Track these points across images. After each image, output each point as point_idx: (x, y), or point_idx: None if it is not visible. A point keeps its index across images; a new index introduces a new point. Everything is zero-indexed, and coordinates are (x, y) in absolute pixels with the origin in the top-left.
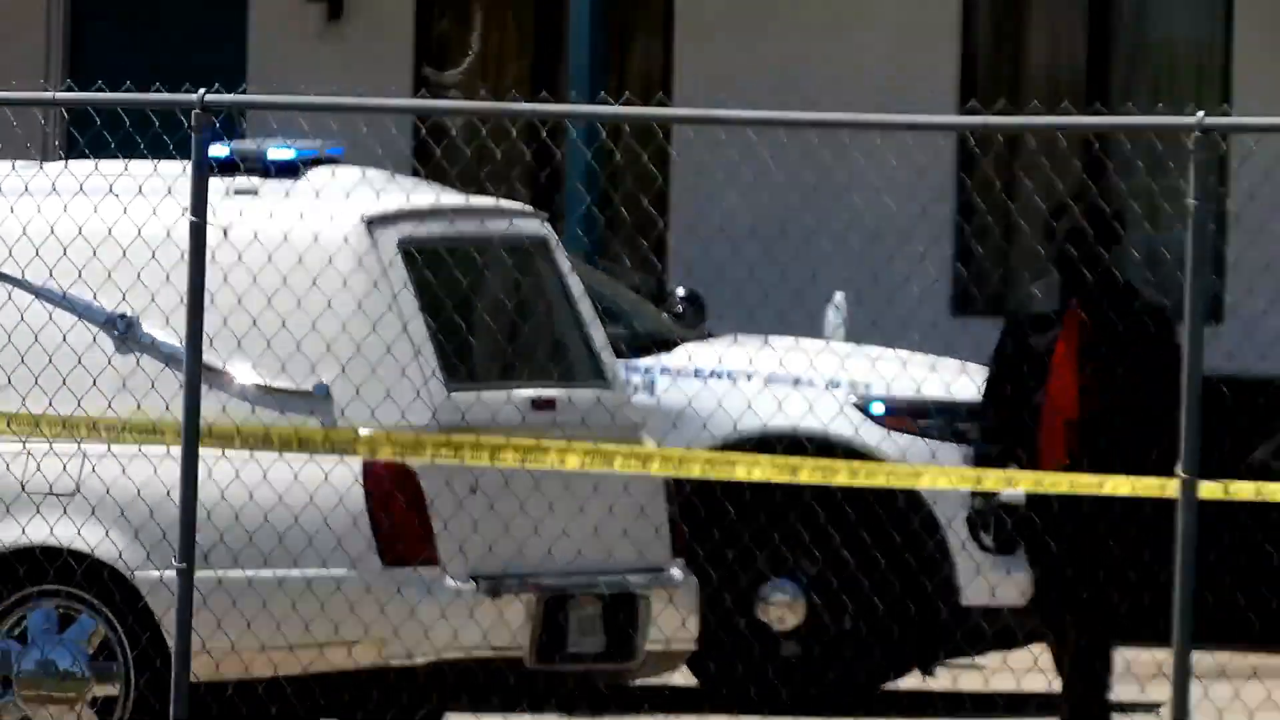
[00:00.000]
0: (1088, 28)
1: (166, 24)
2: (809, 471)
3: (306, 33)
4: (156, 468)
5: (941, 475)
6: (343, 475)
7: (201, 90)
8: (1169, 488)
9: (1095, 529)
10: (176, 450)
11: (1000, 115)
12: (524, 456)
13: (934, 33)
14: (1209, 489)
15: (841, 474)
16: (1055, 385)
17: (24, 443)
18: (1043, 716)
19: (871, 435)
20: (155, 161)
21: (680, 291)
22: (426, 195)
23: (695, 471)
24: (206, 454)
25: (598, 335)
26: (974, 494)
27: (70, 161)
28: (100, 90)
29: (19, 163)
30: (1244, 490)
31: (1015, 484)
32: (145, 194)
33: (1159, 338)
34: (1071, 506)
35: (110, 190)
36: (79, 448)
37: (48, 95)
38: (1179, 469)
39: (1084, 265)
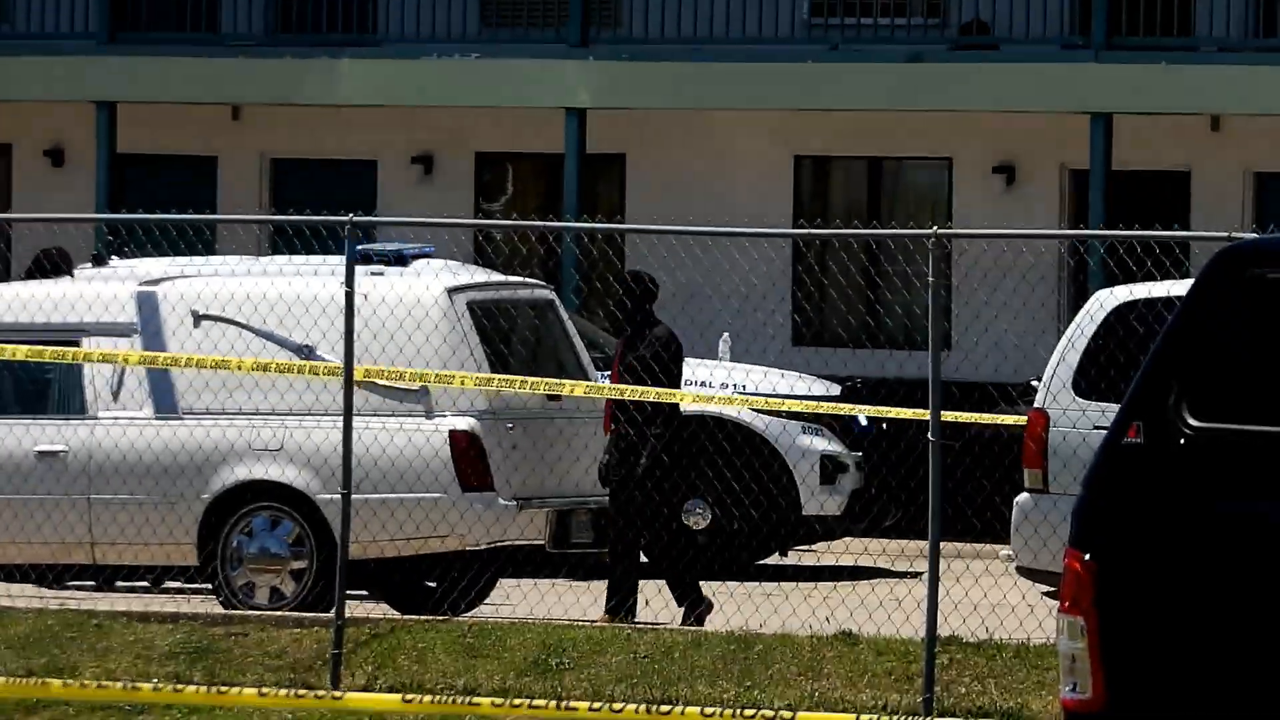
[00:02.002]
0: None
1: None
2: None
3: (411, 182)
4: (329, 433)
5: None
6: (439, 438)
7: (350, 215)
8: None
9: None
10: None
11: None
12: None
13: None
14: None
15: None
16: (612, 376)
17: (250, 420)
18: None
19: (746, 414)
20: (325, 256)
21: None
22: (481, 275)
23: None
24: (358, 423)
25: (583, 355)
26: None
27: (277, 255)
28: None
29: (245, 256)
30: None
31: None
32: (320, 274)
33: (667, 349)
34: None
35: (298, 272)
36: (282, 422)
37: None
38: (930, 434)
39: (632, 310)
